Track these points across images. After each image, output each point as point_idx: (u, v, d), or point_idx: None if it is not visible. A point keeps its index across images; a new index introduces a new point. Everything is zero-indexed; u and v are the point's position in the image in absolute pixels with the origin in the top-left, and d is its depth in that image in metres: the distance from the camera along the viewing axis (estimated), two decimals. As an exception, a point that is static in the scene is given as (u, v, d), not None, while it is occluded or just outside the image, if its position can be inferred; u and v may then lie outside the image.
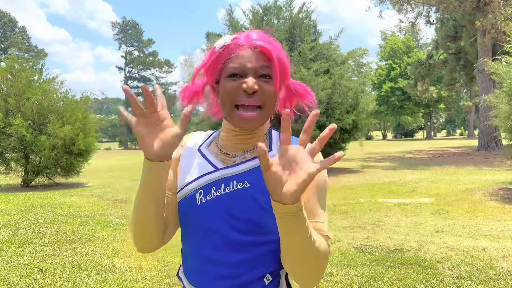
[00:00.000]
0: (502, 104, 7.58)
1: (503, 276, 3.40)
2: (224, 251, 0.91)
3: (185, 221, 0.96)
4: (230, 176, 0.94)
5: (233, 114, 0.90)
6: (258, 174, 0.92)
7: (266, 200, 0.90)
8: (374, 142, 44.69)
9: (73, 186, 10.84)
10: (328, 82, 11.95)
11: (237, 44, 0.91)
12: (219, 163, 0.96)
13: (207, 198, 0.93)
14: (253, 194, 0.91)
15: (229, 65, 0.90)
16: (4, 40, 53.55)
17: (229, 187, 0.93)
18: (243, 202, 0.91)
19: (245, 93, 0.88)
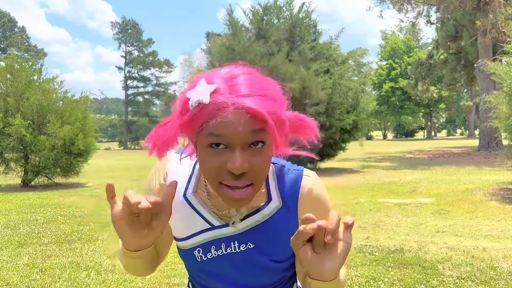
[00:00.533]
0: (502, 105, 7.57)
1: (503, 276, 3.39)
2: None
3: (189, 271, 0.95)
4: (230, 236, 0.86)
5: (219, 191, 0.75)
6: (260, 232, 0.85)
7: (271, 258, 0.87)
8: (374, 142, 44.69)
9: (72, 186, 10.83)
10: (328, 82, 11.94)
11: (218, 105, 0.68)
12: (214, 220, 0.86)
13: (208, 256, 0.87)
14: (257, 256, 0.86)
15: (209, 132, 0.69)
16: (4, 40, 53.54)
17: (230, 248, 0.86)
18: (247, 264, 0.86)
19: (231, 173, 0.71)
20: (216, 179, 0.73)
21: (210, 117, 0.69)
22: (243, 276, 0.88)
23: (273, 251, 0.86)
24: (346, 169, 13.74)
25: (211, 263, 0.87)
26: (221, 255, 0.86)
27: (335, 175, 11.69)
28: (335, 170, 13.17)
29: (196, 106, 0.70)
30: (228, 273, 0.88)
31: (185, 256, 0.90)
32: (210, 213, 0.86)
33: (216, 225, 0.86)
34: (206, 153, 0.72)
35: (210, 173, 0.74)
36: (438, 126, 73.52)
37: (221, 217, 0.86)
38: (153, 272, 0.92)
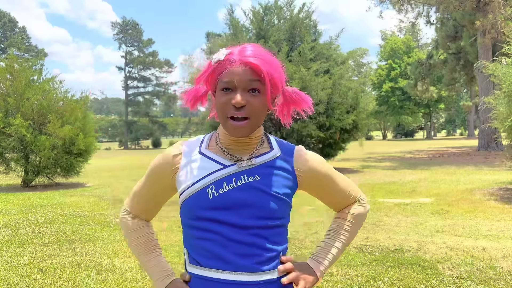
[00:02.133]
0: (501, 105, 7.57)
1: (503, 276, 3.39)
2: (241, 234, 1.02)
3: (195, 215, 1.05)
4: (240, 171, 1.05)
5: (226, 123, 1.02)
6: (266, 169, 1.07)
7: (276, 190, 1.06)
8: (374, 142, 44.69)
9: (73, 186, 10.84)
10: (328, 82, 11.95)
11: (229, 61, 1.01)
12: (226, 161, 1.07)
13: (220, 191, 1.03)
14: (264, 186, 1.05)
15: (222, 80, 1.01)
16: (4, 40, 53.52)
17: (240, 181, 1.04)
18: (256, 192, 1.04)
19: (234, 107, 0.99)
20: (225, 113, 1.01)
21: (223, 69, 1.01)
22: (247, 208, 1.03)
23: (274, 185, 1.06)
24: (346, 169, 13.74)
25: (222, 197, 1.03)
26: (231, 189, 1.04)
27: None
28: (335, 170, 13.17)
29: (216, 63, 1.02)
30: (235, 206, 1.03)
31: (194, 199, 1.04)
32: (222, 156, 1.08)
33: (228, 164, 1.06)
34: (219, 95, 1.02)
35: (221, 108, 1.01)
36: (438, 126, 73.49)
37: (232, 159, 1.07)
38: None
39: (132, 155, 30.02)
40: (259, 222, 1.03)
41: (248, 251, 1.02)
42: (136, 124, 49.86)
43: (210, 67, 1.04)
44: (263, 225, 1.04)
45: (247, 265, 1.02)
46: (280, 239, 1.09)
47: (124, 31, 53.04)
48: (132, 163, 19.63)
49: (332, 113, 12.23)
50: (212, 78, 1.04)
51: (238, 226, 1.02)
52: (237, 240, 1.02)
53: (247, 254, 1.02)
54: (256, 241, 1.03)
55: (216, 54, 1.04)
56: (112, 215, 6.57)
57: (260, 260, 1.03)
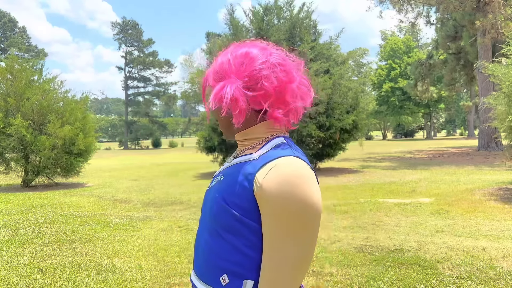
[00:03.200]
0: (501, 105, 7.57)
1: (503, 276, 3.39)
2: (199, 239, 1.01)
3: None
4: (220, 171, 1.04)
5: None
6: (232, 170, 0.96)
7: (224, 196, 0.91)
8: (374, 142, 44.69)
9: (73, 186, 10.84)
10: (328, 82, 11.95)
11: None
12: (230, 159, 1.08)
13: (208, 188, 1.05)
14: (217, 189, 0.96)
15: None
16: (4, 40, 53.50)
17: (214, 181, 1.03)
18: (212, 194, 0.98)
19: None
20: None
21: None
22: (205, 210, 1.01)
23: (226, 189, 0.93)
24: (346, 169, 13.74)
25: (205, 194, 1.06)
26: (209, 188, 1.04)
27: (335, 175, 11.69)
28: (335, 170, 13.18)
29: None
30: (204, 206, 1.04)
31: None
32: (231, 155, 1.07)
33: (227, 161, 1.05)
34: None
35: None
36: (438, 126, 73.45)
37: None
38: None
39: (132, 155, 30.02)
40: (209, 228, 0.96)
41: (202, 257, 0.97)
42: (136, 124, 49.82)
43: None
44: (211, 233, 0.94)
45: (201, 272, 0.97)
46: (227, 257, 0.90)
47: (124, 31, 53.01)
48: (132, 163, 19.63)
49: (332, 113, 12.23)
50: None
51: (200, 228, 1.03)
52: (197, 244, 1.02)
53: (201, 261, 0.98)
54: (203, 250, 0.97)
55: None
56: (112, 215, 6.57)
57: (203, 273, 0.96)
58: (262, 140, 0.97)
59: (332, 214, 6.22)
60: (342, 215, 6.12)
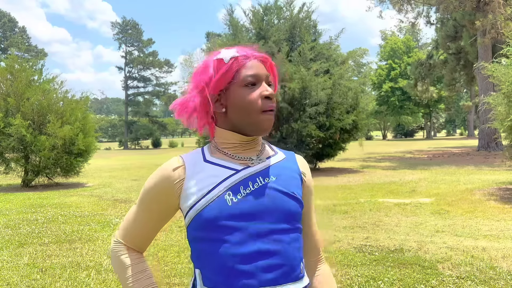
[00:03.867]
0: (501, 106, 7.57)
1: (503, 276, 3.39)
2: (268, 241, 0.95)
3: (212, 226, 0.95)
4: (254, 174, 1.00)
5: (259, 118, 0.98)
6: (278, 169, 1.04)
7: (293, 191, 1.02)
8: (374, 142, 44.69)
9: (73, 186, 10.84)
10: (328, 82, 11.95)
11: (245, 56, 1.00)
12: (237, 165, 1.01)
13: (238, 197, 0.96)
14: (281, 187, 1.01)
15: (245, 74, 0.98)
16: (4, 40, 53.52)
17: (257, 183, 0.99)
18: (276, 194, 0.99)
19: (266, 99, 0.99)
20: (258, 108, 0.98)
21: (242, 64, 0.99)
22: (269, 211, 0.97)
23: (288, 184, 1.02)
24: (346, 169, 13.74)
25: (242, 203, 0.96)
26: (249, 193, 0.97)
27: (335, 175, 11.69)
28: (335, 170, 13.18)
29: (230, 60, 0.99)
30: (256, 210, 0.96)
31: (212, 209, 0.95)
32: (232, 162, 1.01)
33: (240, 168, 1.00)
34: (244, 92, 0.99)
35: (252, 105, 0.98)
36: (438, 126, 73.45)
37: (241, 163, 1.02)
38: None
39: (132, 155, 30.02)
40: (282, 226, 0.97)
41: (273, 261, 0.94)
42: (136, 124, 49.85)
43: (221, 65, 0.99)
44: (287, 229, 0.97)
45: (273, 278, 0.93)
46: (301, 245, 1.02)
47: (124, 31, 53.03)
48: (132, 163, 19.63)
49: (332, 113, 12.24)
50: (226, 77, 0.99)
51: (262, 233, 0.94)
52: (265, 252, 0.94)
53: (272, 265, 0.94)
54: (280, 249, 0.95)
55: (224, 53, 1.01)
56: (112, 215, 6.57)
57: (285, 271, 0.95)
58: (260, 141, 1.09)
59: (332, 214, 6.22)
60: (342, 215, 6.12)
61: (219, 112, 1.02)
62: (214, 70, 1.00)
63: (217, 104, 1.01)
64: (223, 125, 1.03)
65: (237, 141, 1.02)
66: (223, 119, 1.03)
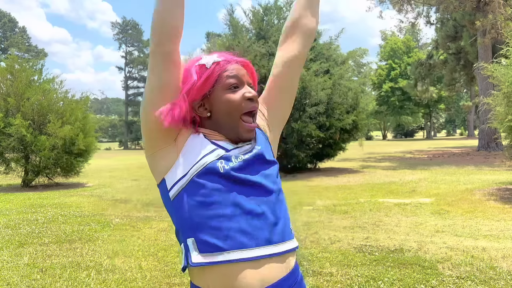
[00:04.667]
0: (500, 106, 7.56)
1: (503, 276, 3.39)
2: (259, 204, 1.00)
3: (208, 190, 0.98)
4: (243, 147, 1.08)
5: (240, 124, 1.04)
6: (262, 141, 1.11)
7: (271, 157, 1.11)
8: (374, 142, 44.69)
9: (73, 186, 10.84)
10: (328, 82, 11.94)
11: (226, 60, 1.06)
12: (228, 145, 1.06)
13: (230, 165, 1.01)
14: (264, 154, 1.08)
15: (227, 77, 1.03)
16: (4, 40, 53.52)
17: (247, 154, 1.05)
18: (264, 160, 1.07)
19: (249, 101, 1.04)
20: (239, 111, 1.03)
21: (223, 68, 1.04)
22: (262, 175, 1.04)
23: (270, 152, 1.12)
24: (346, 169, 13.74)
25: (234, 170, 1.01)
26: (240, 161, 1.03)
27: (335, 175, 11.69)
28: (335, 170, 13.18)
29: (212, 65, 1.04)
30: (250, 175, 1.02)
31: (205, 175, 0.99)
32: (224, 142, 1.06)
33: (230, 148, 1.05)
34: (227, 94, 1.03)
35: (234, 107, 1.03)
36: (438, 126, 73.45)
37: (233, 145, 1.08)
38: (179, 17, 1.04)
39: (132, 155, 30.02)
40: (275, 187, 1.05)
41: (274, 219, 1.01)
42: (136, 124, 49.80)
43: (203, 71, 1.04)
44: (278, 190, 1.06)
45: (279, 233, 1.00)
46: (286, 207, 1.10)
47: (124, 31, 53.04)
48: (132, 163, 19.63)
49: (332, 113, 12.23)
50: (209, 81, 1.04)
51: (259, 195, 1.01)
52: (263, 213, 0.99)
53: (274, 222, 1.00)
54: (279, 208, 1.03)
55: (204, 59, 1.06)
56: (112, 215, 6.57)
57: (286, 226, 1.04)
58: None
59: (332, 214, 6.22)
60: (342, 215, 6.12)
61: (203, 117, 1.06)
62: (197, 75, 1.04)
63: (201, 109, 1.05)
64: (208, 128, 1.08)
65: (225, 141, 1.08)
66: (209, 124, 1.07)
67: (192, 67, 1.06)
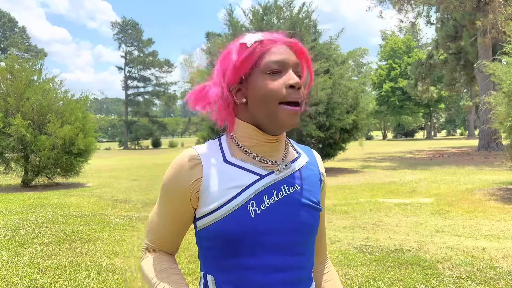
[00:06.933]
0: (501, 105, 7.56)
1: (503, 276, 3.39)
2: (288, 255, 0.89)
3: (232, 238, 0.87)
4: (279, 181, 0.91)
5: (279, 110, 0.86)
6: (303, 175, 0.96)
7: (315, 201, 0.95)
8: (374, 142, 44.68)
9: (72, 186, 10.83)
10: (328, 82, 11.94)
11: (271, 40, 0.89)
12: (261, 169, 0.91)
13: (261, 207, 0.88)
14: (305, 198, 0.93)
15: (268, 60, 0.87)
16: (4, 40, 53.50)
17: (281, 193, 0.90)
18: (298, 206, 0.91)
19: (291, 88, 0.86)
20: (277, 99, 0.86)
21: (267, 49, 0.88)
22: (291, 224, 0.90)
23: (312, 193, 0.96)
24: (346, 169, 13.74)
25: (265, 214, 0.88)
26: (273, 203, 0.89)
27: (335, 175, 11.69)
28: (335, 170, 13.17)
29: (253, 43, 0.88)
30: (280, 223, 0.89)
31: (233, 219, 0.86)
32: (255, 165, 0.91)
33: (264, 174, 0.90)
34: (265, 80, 0.87)
35: (273, 94, 0.86)
36: (438, 126, 73.45)
37: (266, 167, 0.92)
38: None
39: (132, 155, 30.01)
40: (303, 239, 0.91)
41: (293, 275, 0.90)
42: (136, 124, 49.81)
43: (242, 51, 0.88)
44: (306, 242, 0.93)
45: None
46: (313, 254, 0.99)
47: (124, 31, 53.00)
48: (132, 163, 19.63)
49: (332, 113, 12.23)
50: (247, 63, 0.87)
51: (283, 246, 0.88)
52: (284, 267, 0.88)
53: (290, 279, 0.89)
54: (301, 262, 0.91)
55: (246, 37, 0.90)
56: (112, 215, 6.57)
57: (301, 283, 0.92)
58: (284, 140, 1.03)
59: (332, 214, 6.21)
60: (342, 215, 6.12)
61: (240, 103, 0.91)
62: (237, 55, 0.89)
63: (239, 94, 0.90)
64: (244, 117, 0.92)
65: (259, 139, 0.91)
66: (244, 111, 0.91)
67: (233, 45, 0.91)
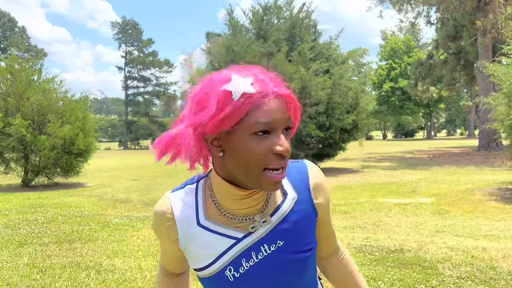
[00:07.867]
0: (501, 106, 7.56)
1: (503, 276, 3.39)
2: None
3: None
4: (258, 241, 0.85)
5: (262, 176, 0.76)
6: (285, 227, 0.86)
7: (299, 250, 0.87)
8: (374, 142, 44.68)
9: (72, 186, 10.83)
10: (328, 82, 11.94)
11: (262, 94, 0.74)
12: (237, 232, 0.85)
13: (240, 271, 0.84)
14: (288, 252, 0.86)
15: (257, 119, 0.73)
16: (4, 40, 53.50)
17: (261, 253, 0.85)
18: (282, 262, 0.85)
19: (277, 155, 0.75)
20: (262, 165, 0.75)
21: (256, 105, 0.73)
22: (277, 282, 0.86)
23: (300, 242, 0.87)
24: (346, 169, 13.74)
25: (245, 278, 0.84)
26: (253, 265, 0.84)
27: (335, 175, 11.69)
28: (335, 170, 13.17)
29: (241, 97, 0.73)
30: (262, 284, 0.85)
31: (213, 283, 0.86)
32: (231, 229, 0.85)
33: (240, 237, 0.85)
34: (250, 141, 0.74)
35: (257, 160, 0.74)
36: (438, 126, 73.44)
37: (241, 227, 0.85)
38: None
39: (132, 155, 30.01)
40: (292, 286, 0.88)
41: None
42: (136, 124, 49.84)
43: (228, 103, 0.73)
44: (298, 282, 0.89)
45: None
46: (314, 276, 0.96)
47: (124, 31, 53.02)
48: (132, 163, 19.63)
49: (332, 113, 12.23)
50: (234, 118, 0.74)
51: None
52: None
53: None
54: None
55: (232, 85, 0.74)
56: (112, 215, 6.57)
57: None
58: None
59: (332, 214, 6.21)
60: (342, 215, 6.12)
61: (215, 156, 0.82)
62: (217, 107, 0.74)
63: (214, 142, 0.78)
64: (219, 169, 0.82)
65: (235, 195, 0.82)
66: (220, 163, 0.81)
67: (213, 89, 0.76)
